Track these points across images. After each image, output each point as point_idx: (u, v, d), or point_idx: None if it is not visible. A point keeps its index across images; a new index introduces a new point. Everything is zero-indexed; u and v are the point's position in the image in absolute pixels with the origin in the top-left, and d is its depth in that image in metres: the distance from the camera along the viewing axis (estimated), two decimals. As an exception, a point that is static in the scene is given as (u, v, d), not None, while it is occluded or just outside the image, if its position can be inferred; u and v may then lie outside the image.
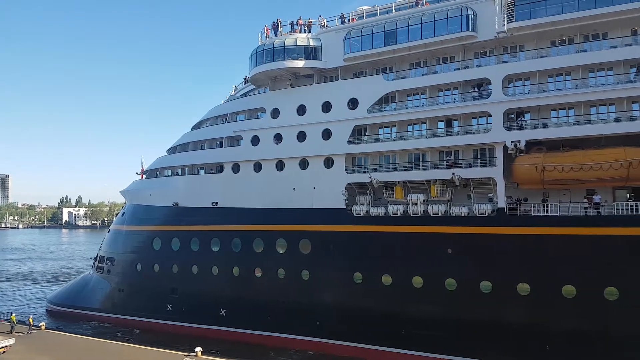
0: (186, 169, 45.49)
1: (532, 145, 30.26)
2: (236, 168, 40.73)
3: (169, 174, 47.60)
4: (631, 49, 28.28)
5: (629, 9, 27.67)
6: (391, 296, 32.42)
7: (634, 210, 27.07)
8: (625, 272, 26.32)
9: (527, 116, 31.43)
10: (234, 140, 42.11)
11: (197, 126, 46.58)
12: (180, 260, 41.66)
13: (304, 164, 37.64)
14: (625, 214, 27.21)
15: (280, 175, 38.41)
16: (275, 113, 39.05)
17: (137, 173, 51.40)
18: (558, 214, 28.86)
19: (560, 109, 30.56)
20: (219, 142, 43.15)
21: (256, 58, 38.48)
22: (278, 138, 38.75)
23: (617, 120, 28.73)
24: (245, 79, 44.33)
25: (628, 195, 28.88)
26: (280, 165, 38.71)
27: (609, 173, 27.42)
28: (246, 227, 38.65)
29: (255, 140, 39.77)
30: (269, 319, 36.57)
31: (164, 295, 41.70)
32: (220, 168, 42.12)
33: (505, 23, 30.72)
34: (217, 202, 40.92)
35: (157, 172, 48.84)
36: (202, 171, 44.68)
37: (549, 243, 28.32)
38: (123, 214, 50.45)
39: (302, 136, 37.56)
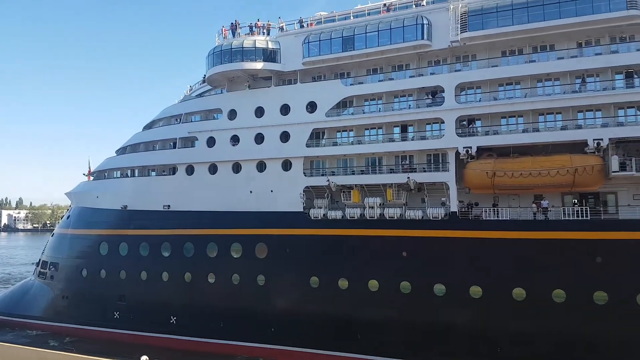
0: (136, 171, 43.93)
1: (483, 151, 31.22)
2: (190, 170, 39.74)
3: (118, 175, 45.80)
4: (576, 61, 29.85)
5: (575, 22, 29.23)
6: (347, 300, 32.40)
7: (579, 215, 28.42)
8: (571, 275, 27.48)
9: (478, 123, 32.44)
10: (189, 142, 41.10)
11: (149, 126, 45.18)
12: (129, 266, 40.02)
13: (261, 166, 37.23)
14: (571, 218, 28.52)
15: (236, 178, 37.78)
16: (232, 114, 38.48)
17: (84, 174, 49.26)
18: (508, 218, 29.89)
19: (510, 116, 31.70)
20: (172, 143, 41.95)
21: (213, 58, 37.87)
22: (235, 140, 38.17)
23: (563, 128, 30.13)
24: (203, 79, 43.51)
25: (575, 200, 30.25)
26: (236, 168, 38.09)
27: (556, 179, 28.63)
28: (199, 231, 37.66)
29: (211, 142, 38.98)
30: (221, 326, 35.66)
31: (111, 302, 39.91)
32: (173, 170, 40.98)
33: (459, 33, 31.74)
34: (168, 205, 39.73)
35: (106, 174, 46.85)
36: (153, 173, 43.25)
37: (499, 246, 29.20)
38: (68, 217, 48.01)
39: (260, 138, 37.17)
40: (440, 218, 31.21)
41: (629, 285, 26.52)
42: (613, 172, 27.78)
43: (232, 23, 38.98)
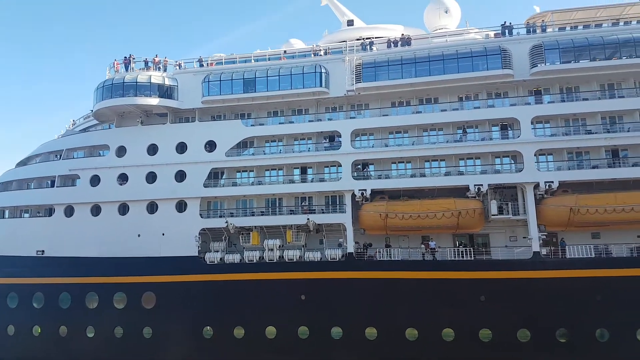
0: (6, 212, 38.81)
1: (377, 194, 32.67)
2: (70, 211, 36.15)
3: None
4: (457, 113, 32.92)
5: (456, 78, 32.36)
6: (243, 350, 30.91)
7: (463, 255, 30.50)
8: (460, 314, 28.96)
9: (372, 167, 34.03)
10: (69, 180, 37.56)
11: (23, 162, 40.62)
12: None
13: (152, 207, 35.02)
14: (457, 258, 30.50)
15: (123, 220, 35.05)
16: (121, 151, 36.07)
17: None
18: (400, 259, 31.16)
19: (399, 162, 33.74)
20: (50, 182, 38.05)
21: (103, 92, 35.68)
22: (123, 178, 35.66)
23: (447, 174, 32.62)
24: (89, 113, 40.46)
25: (459, 242, 32.43)
26: (123, 209, 35.42)
27: (442, 221, 30.65)
28: (78, 279, 34.10)
29: (95, 180, 35.99)
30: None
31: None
32: (50, 211, 36.98)
33: (354, 83, 33.57)
34: (43, 251, 35.49)
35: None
36: (26, 214, 38.60)
37: (392, 286, 30.10)
38: None
39: (152, 177, 35.16)
40: (337, 259, 31.57)
41: (509, 321, 28.70)
42: (492, 215, 30.50)
43: (125, 57, 37.26)
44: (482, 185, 30.64)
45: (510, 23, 33.77)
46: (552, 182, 29.92)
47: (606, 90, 32.07)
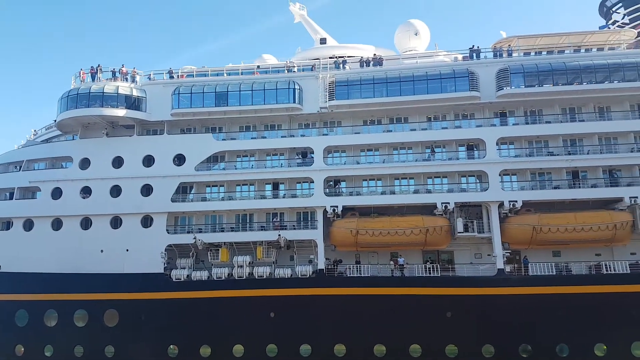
0: (-41, 225, 36.77)
1: (348, 211, 32.87)
2: (29, 225, 34.63)
3: None
4: (426, 133, 33.74)
5: (426, 99, 33.17)
6: None
7: (431, 272, 31.05)
8: (427, 330, 29.46)
9: (343, 184, 34.26)
10: (29, 192, 36.06)
11: (-21, 173, 38.54)
12: None
13: (116, 222, 33.99)
14: (425, 275, 31.03)
15: (85, 235, 33.89)
16: (84, 163, 34.89)
17: None
18: (369, 275, 31.38)
19: (370, 179, 34.15)
20: (8, 194, 36.28)
21: (67, 102, 34.53)
22: (86, 192, 34.48)
23: (415, 192, 33.28)
24: (52, 123, 38.98)
25: (426, 259, 32.89)
26: (86, 223, 34.24)
27: (410, 238, 31.17)
28: (36, 296, 32.63)
29: (56, 193, 34.64)
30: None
31: None
32: (7, 224, 35.40)
33: (327, 100, 33.89)
34: (-1, 266, 33.75)
35: None
36: (-19, 228, 36.69)
37: (362, 303, 30.25)
38: None
39: (116, 191, 34.14)
40: (308, 275, 31.49)
41: (475, 337, 29.35)
42: (458, 232, 31.23)
43: (92, 66, 36.20)
44: (449, 203, 31.39)
45: (477, 47, 35.00)
46: (516, 201, 30.98)
47: (567, 113, 33.60)
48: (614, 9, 43.68)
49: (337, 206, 32.18)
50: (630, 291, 28.72)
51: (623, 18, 42.72)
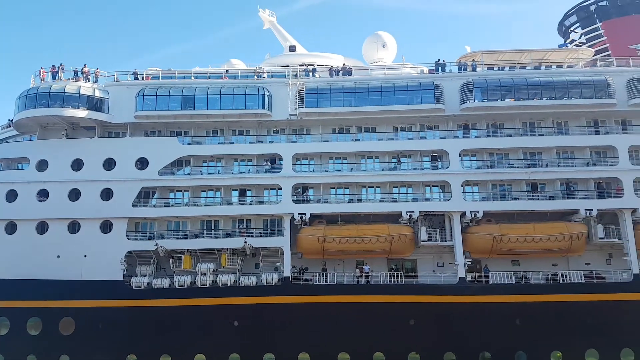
0: None
1: (315, 218, 32.86)
2: (-21, 229, 32.80)
3: None
4: (392, 143, 34.23)
5: (392, 109, 33.68)
6: None
7: (396, 279, 31.41)
8: (390, 338, 29.67)
9: (311, 192, 34.25)
10: (-19, 194, 34.18)
11: None
12: None
13: (74, 227, 32.76)
14: (389, 282, 31.32)
15: (41, 240, 32.47)
16: (42, 165, 33.50)
17: None
18: (335, 283, 31.42)
19: (338, 187, 34.32)
20: (-42, 195, 34.27)
21: (26, 101, 33.17)
22: (43, 195, 33.09)
23: (382, 200, 33.65)
24: (9, 123, 37.24)
25: (391, 267, 33.22)
26: (42, 228, 32.81)
27: (376, 246, 31.44)
28: (-14, 302, 30.87)
29: (11, 196, 33.09)
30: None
31: None
32: (-44, 227, 33.32)
33: (297, 107, 33.88)
34: (-58, 272, 31.77)
35: None
36: None
37: (327, 311, 30.17)
38: None
39: (75, 194, 32.90)
40: (274, 283, 31.23)
41: (436, 345, 29.79)
42: (422, 241, 31.75)
43: (53, 65, 34.87)
44: (413, 212, 31.93)
45: (443, 60, 35.94)
46: (477, 211, 31.87)
47: (528, 128, 34.83)
48: (571, 29, 45.70)
49: (304, 213, 32.14)
50: (585, 300, 29.82)
51: (580, 37, 44.74)
